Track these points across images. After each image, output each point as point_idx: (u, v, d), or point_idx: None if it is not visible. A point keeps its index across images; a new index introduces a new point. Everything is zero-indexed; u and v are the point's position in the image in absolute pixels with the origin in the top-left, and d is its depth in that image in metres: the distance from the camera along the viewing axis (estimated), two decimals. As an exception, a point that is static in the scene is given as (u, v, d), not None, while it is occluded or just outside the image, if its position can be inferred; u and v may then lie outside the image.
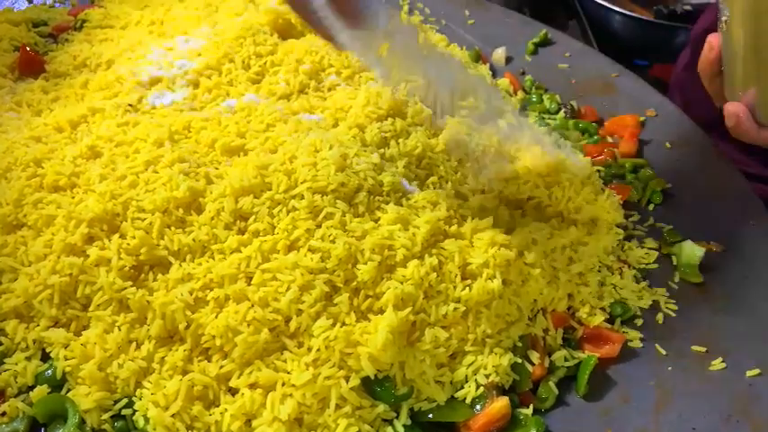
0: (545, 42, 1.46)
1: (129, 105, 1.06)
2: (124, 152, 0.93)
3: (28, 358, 0.79)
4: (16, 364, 0.78)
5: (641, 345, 0.92)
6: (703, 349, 0.91)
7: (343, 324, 0.78)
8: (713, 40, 0.91)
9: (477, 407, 0.79)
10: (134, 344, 0.78)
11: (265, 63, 1.11)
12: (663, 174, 1.17)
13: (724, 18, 0.86)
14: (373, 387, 0.77)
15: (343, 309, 0.79)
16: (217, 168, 0.93)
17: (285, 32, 1.20)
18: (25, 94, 1.11)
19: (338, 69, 1.11)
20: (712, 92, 0.96)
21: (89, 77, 1.13)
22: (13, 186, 0.87)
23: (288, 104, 1.04)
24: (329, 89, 1.10)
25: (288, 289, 0.78)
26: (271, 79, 1.09)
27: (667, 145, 1.24)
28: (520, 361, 0.84)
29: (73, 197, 0.87)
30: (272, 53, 1.12)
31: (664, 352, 0.91)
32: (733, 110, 0.89)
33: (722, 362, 0.89)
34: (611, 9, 2.04)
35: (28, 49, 1.20)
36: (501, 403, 0.79)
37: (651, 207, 1.13)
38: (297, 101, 1.05)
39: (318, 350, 0.76)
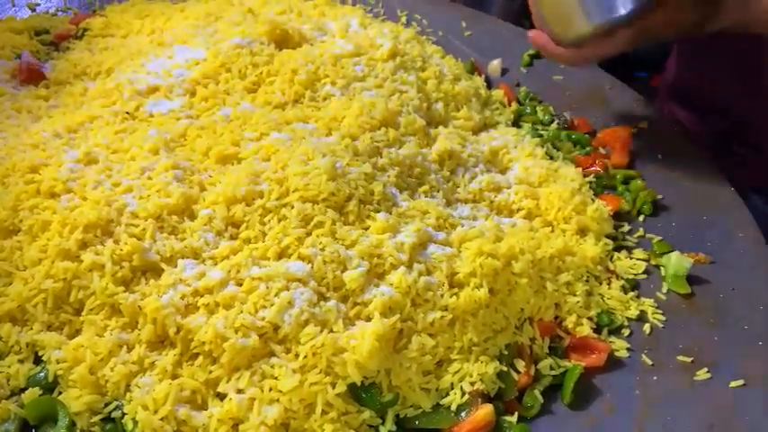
0: (540, 54, 1.47)
1: (127, 113, 1.07)
2: (120, 159, 0.95)
3: (21, 361, 0.80)
4: (9, 366, 0.80)
5: (627, 355, 0.93)
6: (689, 360, 0.92)
7: (331, 331, 0.79)
8: None
9: (463, 414, 0.80)
10: (125, 348, 0.79)
11: (261, 73, 1.12)
12: (654, 185, 1.19)
13: None
14: (359, 393, 0.78)
15: (330, 316, 0.80)
16: (211, 176, 0.94)
17: (282, 43, 1.21)
18: (25, 100, 1.13)
19: (333, 80, 1.12)
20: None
21: (88, 86, 1.15)
22: (11, 192, 0.89)
23: (282, 114, 1.05)
24: (324, 99, 1.11)
25: (276, 296, 0.79)
26: (266, 89, 1.11)
27: (659, 156, 1.25)
28: (506, 369, 0.85)
29: (68, 203, 0.89)
30: (269, 63, 1.14)
31: (650, 362, 0.92)
32: (536, 38, 1.10)
33: (707, 372, 0.90)
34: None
35: (30, 57, 1.22)
36: (486, 411, 0.80)
37: (641, 218, 1.14)
38: (291, 110, 1.07)
39: (306, 356, 0.77)
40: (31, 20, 1.39)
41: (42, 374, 0.79)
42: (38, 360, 0.81)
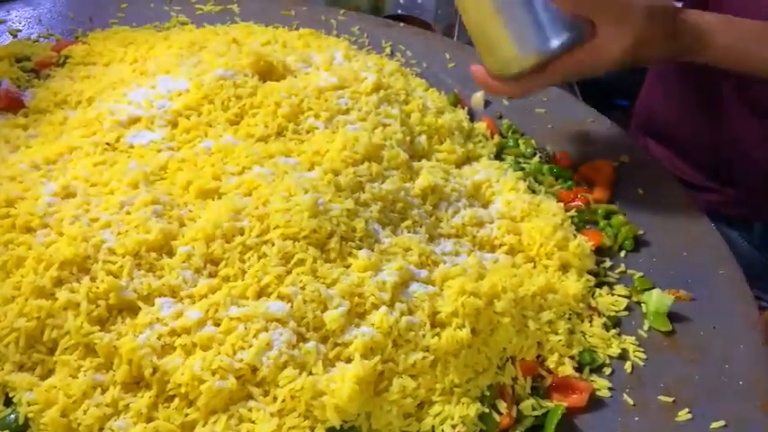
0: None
1: (107, 144, 1.06)
2: (99, 192, 0.94)
3: (-10, 402, 0.78)
4: (-23, 408, 0.77)
5: (609, 394, 0.92)
6: (671, 400, 0.92)
7: (310, 373, 0.78)
8: None
9: (444, 458, 0.79)
10: (99, 389, 0.77)
11: (245, 105, 1.12)
12: (635, 220, 1.19)
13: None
14: (339, 437, 0.77)
15: (310, 358, 0.79)
16: (191, 210, 0.93)
17: (266, 74, 1.21)
18: (3, 129, 1.11)
19: (317, 113, 1.12)
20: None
21: (68, 115, 1.14)
22: (-17, 228, 0.87)
23: (265, 147, 1.05)
24: (307, 132, 1.11)
25: (255, 337, 0.78)
26: (249, 121, 1.10)
27: (640, 191, 1.26)
28: (487, 411, 0.84)
29: (45, 238, 0.87)
30: (252, 95, 1.14)
31: (631, 402, 0.92)
32: (475, 73, 1.11)
33: (688, 413, 0.90)
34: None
35: (9, 85, 1.21)
36: (467, 454, 0.79)
37: (623, 254, 1.15)
38: (274, 143, 1.06)
39: (284, 400, 0.76)
40: (12, 46, 1.38)
41: (12, 417, 0.77)
42: (8, 401, 0.79)
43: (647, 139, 1.64)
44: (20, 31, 1.46)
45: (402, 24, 1.68)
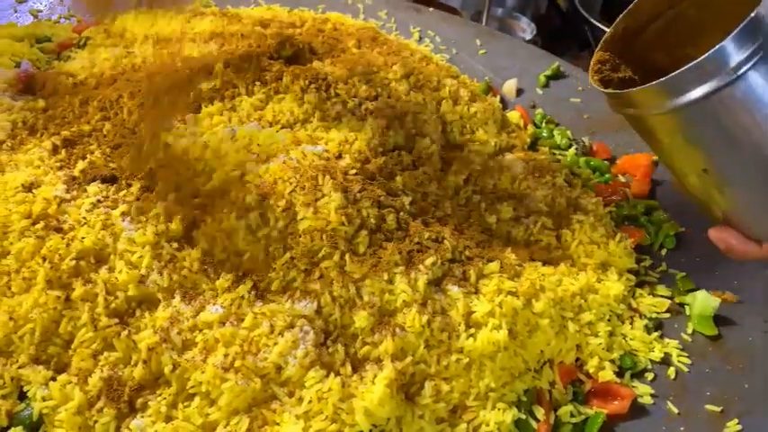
0: (557, 75, 1.42)
1: (127, 128, 1.02)
2: (117, 178, 0.90)
3: (4, 396, 0.75)
4: (-9, 402, 0.74)
5: (652, 401, 0.87)
6: (718, 409, 0.86)
7: (338, 374, 0.73)
8: None
9: (478, 466, 0.74)
10: (115, 386, 0.73)
11: (269, 89, 1.07)
12: (676, 217, 1.13)
13: None
14: (368, 443, 0.73)
15: (337, 358, 0.74)
16: (212, 200, 0.89)
17: (292, 58, 1.16)
18: (21, 111, 1.08)
19: (344, 99, 1.07)
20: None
21: (88, 97, 1.10)
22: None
23: (291, 134, 1.00)
24: (334, 119, 1.06)
25: (280, 334, 0.74)
26: (275, 107, 1.05)
27: (681, 186, 1.19)
28: (524, 417, 0.79)
29: (62, 225, 0.83)
30: (278, 79, 1.09)
31: (676, 410, 0.86)
32: (719, 236, 0.82)
33: (738, 424, 0.84)
34: (625, 41, 2.02)
35: (29, 66, 1.18)
36: (503, 464, 0.74)
37: (664, 252, 1.09)
38: (300, 130, 1.01)
39: (310, 401, 0.72)
40: (33, 27, 1.35)
41: (27, 413, 0.73)
42: (22, 395, 0.75)
43: None
44: (41, 11, 1.42)
45: (431, 9, 1.62)
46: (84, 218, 0.83)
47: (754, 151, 0.73)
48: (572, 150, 1.24)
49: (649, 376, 0.90)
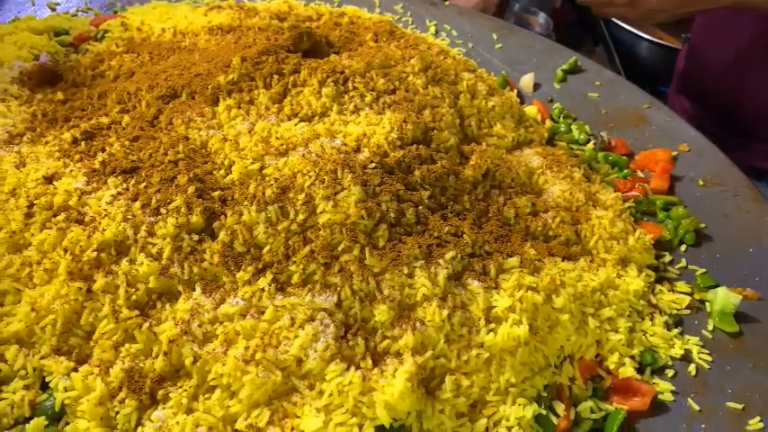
0: (574, 70, 1.41)
1: (146, 122, 1.02)
2: (137, 170, 0.90)
3: (26, 387, 0.75)
4: (14, 392, 0.74)
5: (673, 398, 0.86)
6: (740, 407, 0.85)
7: (358, 367, 0.73)
8: None
9: (498, 461, 0.74)
10: (137, 378, 0.74)
11: (287, 83, 1.07)
12: (696, 213, 1.12)
13: None
14: (388, 436, 0.72)
15: (358, 351, 0.74)
16: (232, 193, 0.89)
17: (309, 52, 1.16)
18: (40, 103, 1.08)
19: (362, 93, 1.07)
20: None
21: (106, 90, 1.11)
22: (21, 204, 0.84)
23: (309, 127, 1.00)
24: (352, 112, 1.05)
25: (301, 327, 0.74)
26: (293, 100, 1.05)
27: (700, 182, 1.18)
28: (544, 412, 0.79)
29: (82, 217, 0.84)
30: (295, 72, 1.08)
31: (697, 407, 0.85)
32: None
33: (760, 421, 0.83)
34: (639, 36, 2.01)
35: (47, 59, 1.18)
36: (523, 459, 0.74)
37: (683, 248, 1.08)
38: (318, 124, 1.01)
39: (331, 395, 0.71)
40: (51, 20, 1.35)
41: (49, 403, 0.74)
42: (44, 385, 0.76)
43: (681, 96, 1.57)
44: (58, 4, 1.43)
45: (447, 3, 1.61)
46: (105, 210, 0.83)
47: None
48: (590, 145, 1.23)
49: (670, 373, 0.90)
